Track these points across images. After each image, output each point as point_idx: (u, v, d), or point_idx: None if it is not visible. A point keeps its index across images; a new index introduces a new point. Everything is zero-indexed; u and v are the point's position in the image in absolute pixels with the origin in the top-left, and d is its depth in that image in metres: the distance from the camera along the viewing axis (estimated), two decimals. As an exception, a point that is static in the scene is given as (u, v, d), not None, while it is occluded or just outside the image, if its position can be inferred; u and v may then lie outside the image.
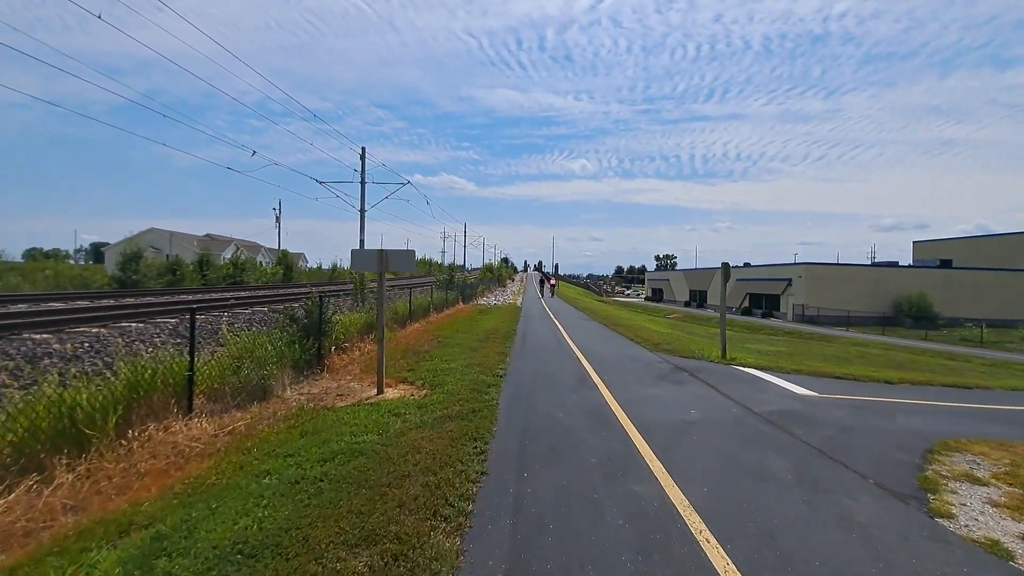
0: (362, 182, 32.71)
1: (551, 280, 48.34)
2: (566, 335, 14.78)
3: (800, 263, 43.91)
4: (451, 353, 10.43)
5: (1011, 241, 50.51)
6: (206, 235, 78.91)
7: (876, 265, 49.39)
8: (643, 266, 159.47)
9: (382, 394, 7.20)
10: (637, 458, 4.50)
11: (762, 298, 48.12)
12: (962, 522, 3.53)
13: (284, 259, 39.77)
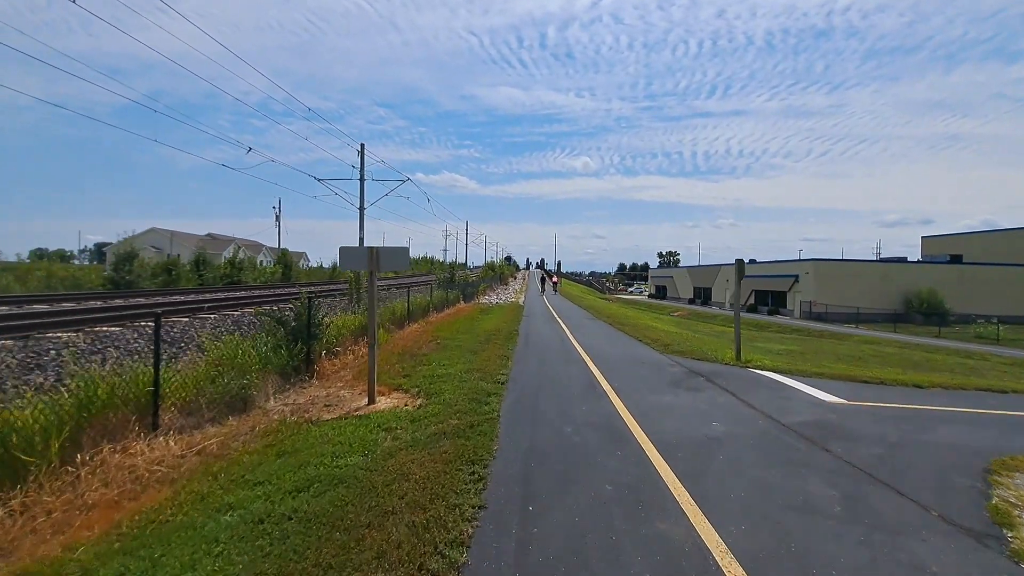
0: (361, 179, 32.20)
1: (553, 278, 49.24)
2: (571, 335, 14.18)
3: (808, 259, 43.15)
4: (450, 356, 9.85)
5: (1023, 235, 49.58)
6: (207, 235, 78.55)
7: (885, 261, 48.53)
8: (646, 263, 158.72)
9: (373, 404, 6.61)
10: (659, 485, 3.89)
11: (768, 295, 47.41)
12: (1060, 572, 2.92)
13: (283, 258, 39.22)
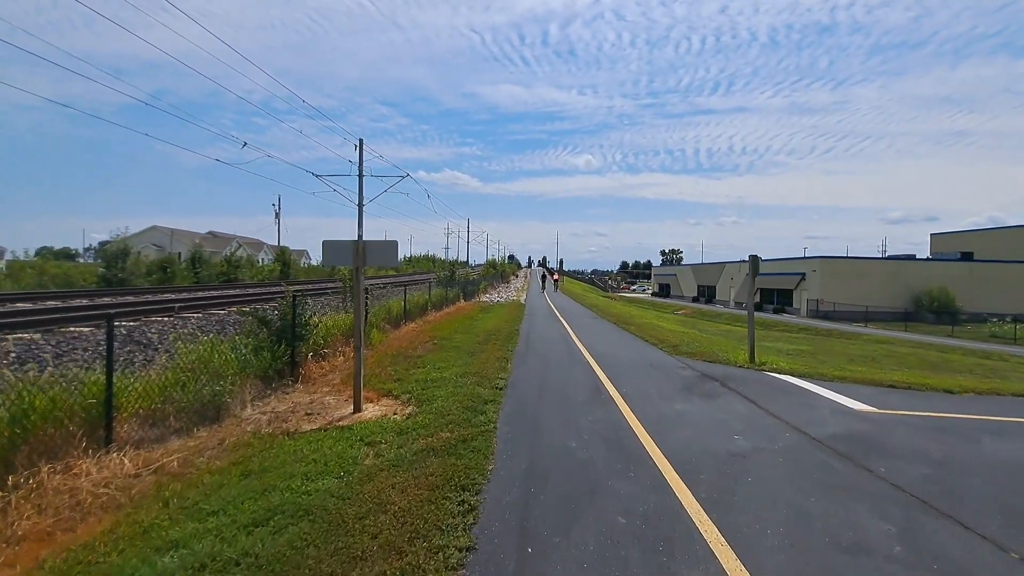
0: (360, 175, 31.65)
1: (554, 275, 49.93)
2: (574, 336, 13.60)
3: (815, 257, 42.42)
4: (446, 358, 9.28)
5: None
6: (208, 232, 78.22)
7: (893, 258, 47.76)
8: (648, 261, 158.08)
9: (359, 413, 6.05)
10: (681, 517, 3.31)
11: (774, 293, 46.68)
12: None
13: (281, 256, 38.69)
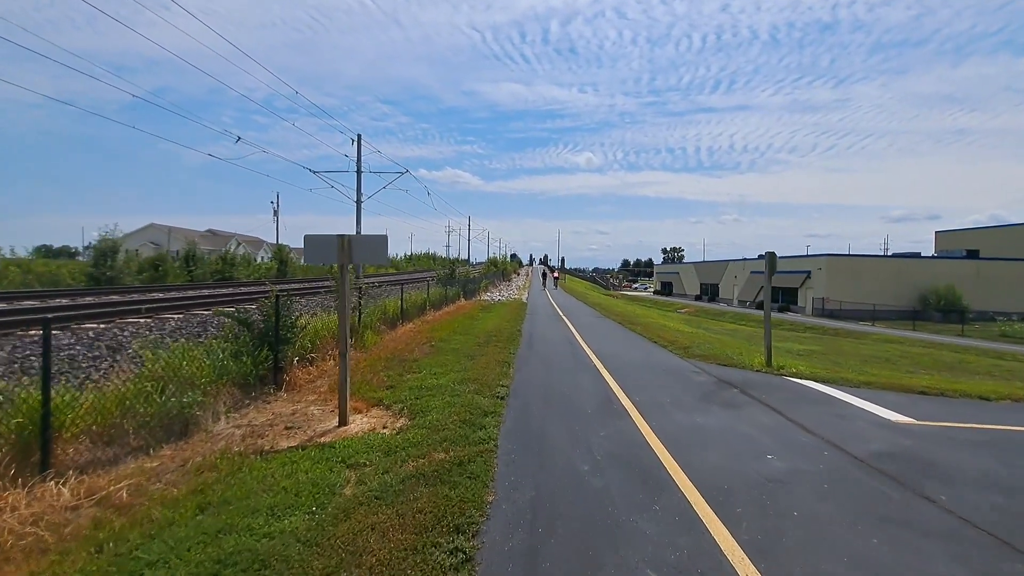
0: (358, 171, 30.94)
1: (554, 273, 51.58)
2: (579, 337, 12.98)
3: (821, 255, 41.75)
4: (444, 362, 8.68)
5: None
6: (208, 230, 77.51)
7: (899, 256, 47.10)
8: (650, 259, 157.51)
9: (344, 426, 5.44)
10: (724, 568, 2.70)
11: (779, 291, 45.99)
12: None
13: (279, 254, 38.03)
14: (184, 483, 4.03)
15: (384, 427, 5.39)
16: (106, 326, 8.24)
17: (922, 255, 48.80)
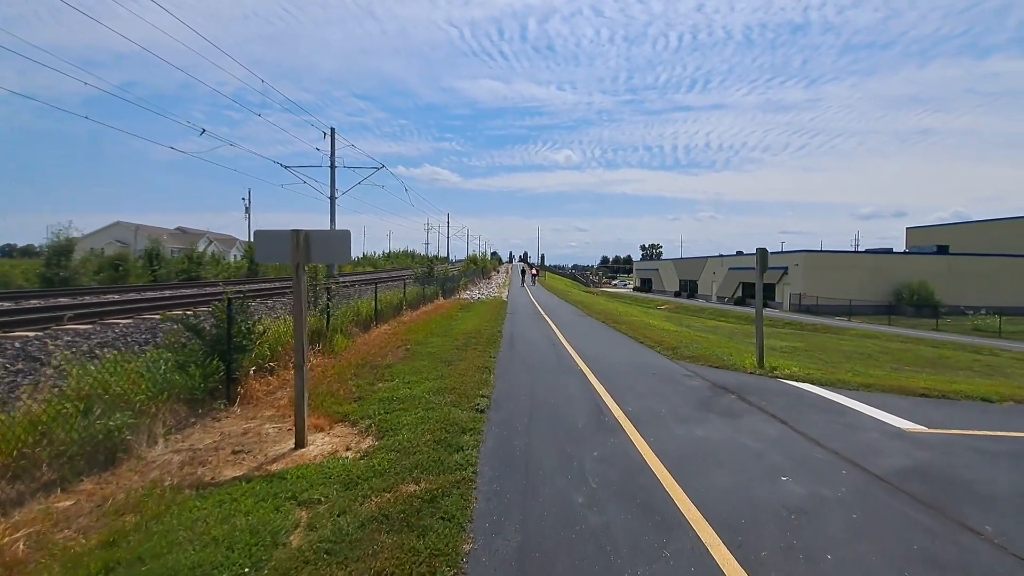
0: (332, 166, 29.94)
1: (532, 270, 52.59)
2: (562, 337, 12.45)
3: (798, 251, 42.18)
4: (419, 368, 8.02)
5: (1009, 226, 49.52)
6: (177, 228, 74.65)
7: (872, 252, 47.94)
8: (628, 256, 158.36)
9: (301, 449, 4.77)
10: (761, 645, 2.16)
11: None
12: None
13: (250, 252, 36.60)
14: (97, 530, 3.32)
15: (348, 449, 4.73)
16: (38, 333, 7.33)
17: (894, 251, 49.83)
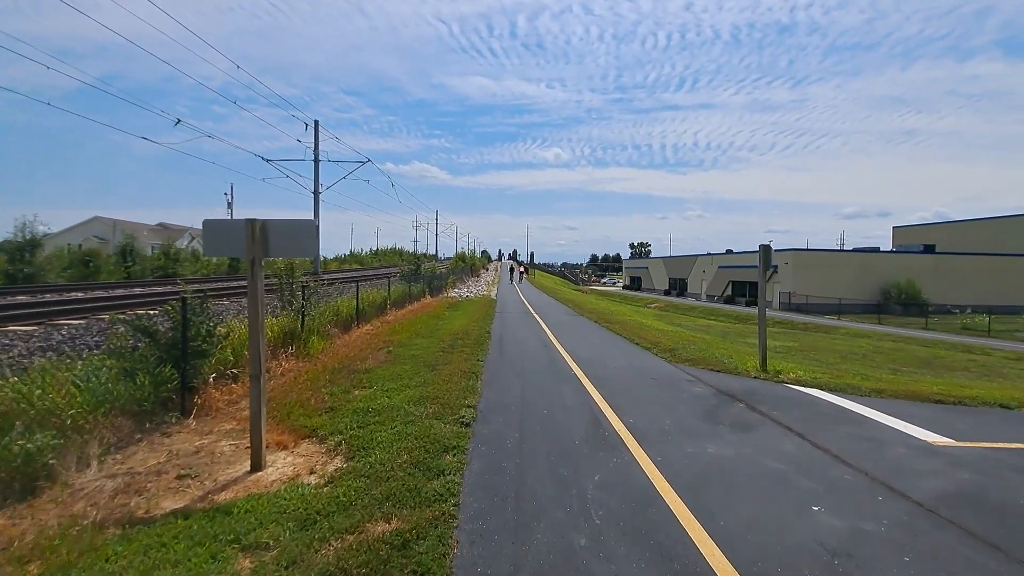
0: (316, 159, 29.05)
1: (521, 267, 53.70)
2: (553, 338, 11.88)
3: (787, 249, 42.12)
4: (400, 374, 7.40)
5: (994, 226, 50.03)
6: (159, 224, 72.78)
7: (860, 251, 48.10)
8: (617, 254, 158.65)
9: (258, 473, 4.14)
10: None
11: (746, 286, 46.37)
12: None
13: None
14: (-16, 588, 2.68)
15: (311, 472, 4.11)
16: None
17: (881, 250, 50.09)
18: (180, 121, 19.71)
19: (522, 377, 7.50)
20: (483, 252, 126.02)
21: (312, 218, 29.08)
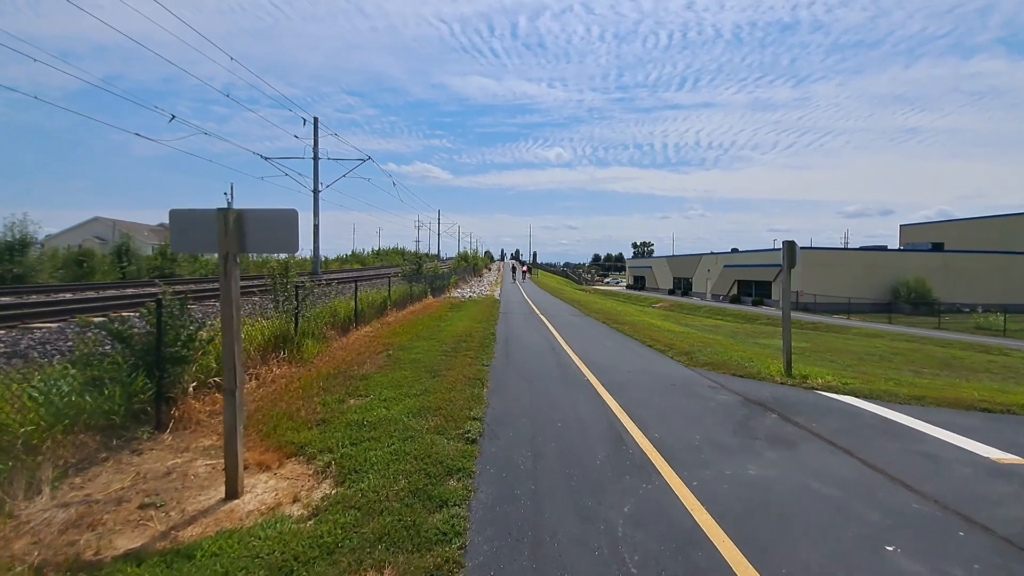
0: (315, 157, 28.52)
1: (523, 267, 53.84)
2: (561, 341, 11.32)
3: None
4: (400, 380, 6.86)
5: (1003, 223, 49.29)
6: (160, 224, 72.28)
7: (867, 249, 47.40)
8: (620, 254, 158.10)
9: (233, 501, 3.60)
10: None
11: (752, 285, 45.72)
12: None
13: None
14: None
15: (295, 500, 3.57)
16: None
17: (888, 248, 49.38)
18: (175, 117, 19.28)
19: (532, 384, 6.94)
20: (486, 252, 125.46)
21: (312, 217, 28.60)
